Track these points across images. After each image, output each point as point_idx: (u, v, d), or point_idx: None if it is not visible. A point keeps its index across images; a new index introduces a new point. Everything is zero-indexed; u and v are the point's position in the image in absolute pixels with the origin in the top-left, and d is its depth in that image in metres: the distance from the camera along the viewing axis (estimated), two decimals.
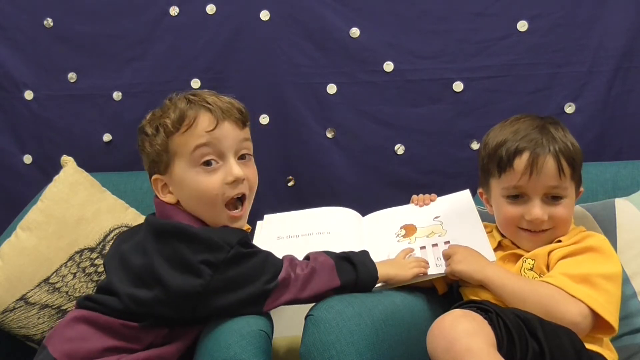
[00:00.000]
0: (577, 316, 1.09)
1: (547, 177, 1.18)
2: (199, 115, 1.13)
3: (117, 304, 1.11)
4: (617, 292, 1.14)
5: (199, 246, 1.07)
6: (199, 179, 1.12)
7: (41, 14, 1.91)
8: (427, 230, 1.35)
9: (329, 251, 1.18)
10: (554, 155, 1.18)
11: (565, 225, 1.22)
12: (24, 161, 1.96)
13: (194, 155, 1.12)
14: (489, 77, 1.72)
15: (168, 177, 1.16)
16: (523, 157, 1.19)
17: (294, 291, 1.10)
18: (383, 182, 1.79)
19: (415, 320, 1.18)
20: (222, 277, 1.06)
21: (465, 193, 1.41)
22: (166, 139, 1.14)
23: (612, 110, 1.68)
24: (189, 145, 1.12)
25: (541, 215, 1.19)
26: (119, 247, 1.20)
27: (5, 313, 1.47)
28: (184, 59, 1.86)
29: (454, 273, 1.21)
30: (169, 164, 1.15)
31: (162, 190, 1.18)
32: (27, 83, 1.93)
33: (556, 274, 1.15)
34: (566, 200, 1.21)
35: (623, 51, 1.66)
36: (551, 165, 1.18)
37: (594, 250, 1.18)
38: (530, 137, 1.20)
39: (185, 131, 1.13)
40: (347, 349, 1.01)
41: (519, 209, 1.21)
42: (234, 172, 1.13)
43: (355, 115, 1.79)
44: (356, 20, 1.77)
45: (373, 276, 1.16)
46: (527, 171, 1.18)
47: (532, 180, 1.19)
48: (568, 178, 1.20)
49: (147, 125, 1.18)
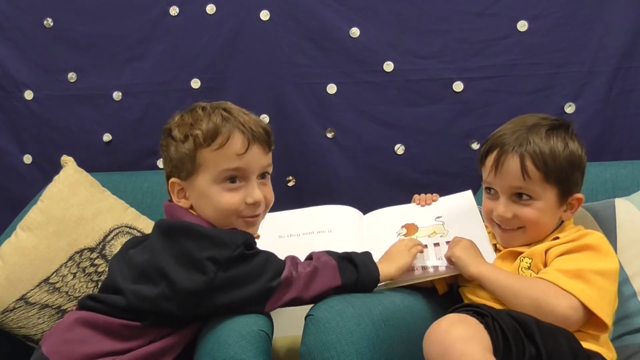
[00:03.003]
0: (567, 309, 1.09)
1: (509, 177, 1.19)
2: (232, 136, 1.15)
3: (121, 301, 1.11)
4: (610, 289, 1.13)
5: (205, 243, 1.09)
6: (222, 195, 1.15)
7: (41, 14, 1.91)
8: (429, 230, 1.35)
9: (331, 251, 1.19)
10: (520, 156, 1.19)
11: (536, 227, 1.22)
12: (24, 161, 1.96)
13: (221, 174, 1.15)
14: (489, 77, 1.72)
15: (188, 184, 1.17)
16: (493, 154, 1.22)
17: (297, 290, 1.11)
18: (383, 182, 1.79)
19: (415, 320, 1.18)
20: (225, 274, 1.07)
21: (467, 194, 1.41)
22: (194, 150, 1.15)
23: (612, 110, 1.68)
24: (219, 166, 1.15)
25: (503, 212, 1.21)
26: (126, 251, 1.21)
27: (5, 313, 1.47)
28: (184, 59, 1.86)
29: (451, 257, 1.22)
30: (192, 173, 1.16)
31: (178, 194, 1.19)
32: (27, 83, 1.93)
33: (550, 270, 1.15)
34: (537, 203, 1.20)
35: (623, 51, 1.66)
36: (513, 165, 1.19)
37: (591, 248, 1.17)
38: (505, 137, 1.22)
39: (217, 149, 1.14)
40: (347, 349, 1.01)
41: (491, 204, 1.24)
42: (254, 196, 1.16)
43: (355, 115, 1.79)
44: (356, 20, 1.77)
45: (374, 277, 1.17)
46: (493, 168, 1.21)
47: (497, 177, 1.21)
48: (536, 181, 1.18)
49: (175, 129, 1.18)
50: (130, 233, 1.57)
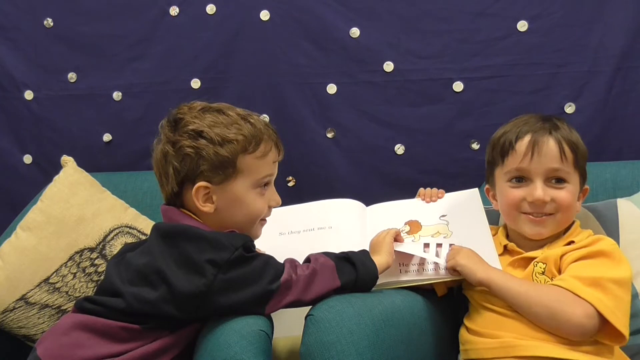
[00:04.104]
0: (583, 317, 1.08)
1: (549, 158, 1.19)
2: (273, 146, 1.21)
3: (120, 304, 1.10)
4: (626, 299, 1.13)
5: (205, 246, 1.08)
6: (257, 200, 1.19)
7: (41, 14, 1.91)
8: (433, 229, 1.33)
9: (328, 252, 1.19)
10: (556, 138, 1.20)
11: (568, 212, 1.22)
12: (24, 161, 1.96)
13: (260, 180, 1.19)
14: (489, 77, 1.72)
15: (219, 189, 1.15)
16: (525, 139, 1.22)
17: (296, 293, 1.11)
18: (383, 182, 1.79)
19: (415, 320, 1.18)
20: (225, 277, 1.07)
21: (473, 192, 1.39)
22: (237, 155, 1.15)
23: (612, 110, 1.68)
24: (262, 172, 1.19)
25: (543, 195, 1.19)
26: (124, 254, 1.20)
27: (5, 313, 1.47)
28: (184, 59, 1.86)
29: (456, 267, 1.20)
30: (229, 178, 1.15)
31: (203, 197, 1.15)
32: (27, 83, 1.93)
33: (567, 276, 1.14)
34: (570, 186, 1.21)
35: (623, 51, 1.65)
36: (553, 147, 1.20)
37: (605, 254, 1.17)
38: (532, 123, 1.23)
39: (261, 157, 1.18)
40: (348, 349, 1.01)
41: (521, 192, 1.22)
42: (277, 200, 1.24)
43: (355, 115, 1.79)
44: (356, 20, 1.77)
45: (373, 275, 1.17)
46: (529, 152, 1.20)
47: (534, 161, 1.20)
48: (570, 163, 1.20)
49: (211, 131, 1.14)
50: (130, 233, 1.57)
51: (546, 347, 1.10)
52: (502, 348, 1.13)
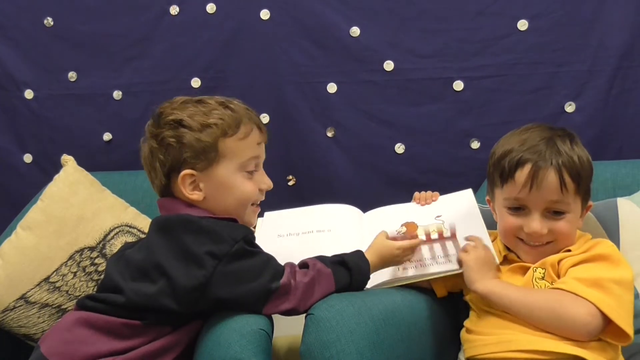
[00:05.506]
0: (586, 316, 1.08)
1: (548, 192, 1.15)
2: (254, 128, 1.20)
3: (120, 299, 1.11)
4: (628, 298, 1.12)
5: (204, 238, 1.09)
6: (244, 183, 1.19)
7: (41, 13, 1.91)
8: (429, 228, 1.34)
9: (324, 257, 1.19)
10: (557, 168, 1.15)
11: (566, 239, 1.20)
12: (24, 160, 1.96)
13: (245, 162, 1.19)
14: (489, 76, 1.72)
15: (204, 175, 1.16)
16: (525, 169, 1.17)
17: (294, 301, 1.11)
18: (383, 181, 1.79)
19: (415, 319, 1.18)
20: (224, 269, 1.07)
21: (467, 192, 1.40)
22: (217, 139, 1.15)
23: (612, 110, 1.68)
24: (245, 154, 1.18)
25: (539, 229, 1.17)
26: (123, 252, 1.21)
27: (5, 312, 1.47)
28: (184, 58, 1.85)
29: (462, 262, 1.21)
30: (212, 163, 1.16)
31: (190, 186, 1.16)
32: (28, 82, 1.93)
33: (567, 279, 1.13)
34: (569, 216, 1.18)
35: (623, 50, 1.65)
36: (553, 179, 1.15)
37: (604, 257, 1.16)
38: (535, 149, 1.17)
39: (243, 138, 1.18)
40: (348, 348, 1.01)
41: (518, 221, 1.19)
42: (268, 182, 1.24)
43: (356, 115, 1.79)
44: (356, 19, 1.77)
45: (365, 277, 1.19)
46: (528, 184, 1.16)
47: (533, 193, 1.16)
48: (571, 193, 1.17)
49: (190, 119, 1.16)
50: (130, 232, 1.57)
51: (545, 341, 1.09)
52: (501, 343, 1.13)
